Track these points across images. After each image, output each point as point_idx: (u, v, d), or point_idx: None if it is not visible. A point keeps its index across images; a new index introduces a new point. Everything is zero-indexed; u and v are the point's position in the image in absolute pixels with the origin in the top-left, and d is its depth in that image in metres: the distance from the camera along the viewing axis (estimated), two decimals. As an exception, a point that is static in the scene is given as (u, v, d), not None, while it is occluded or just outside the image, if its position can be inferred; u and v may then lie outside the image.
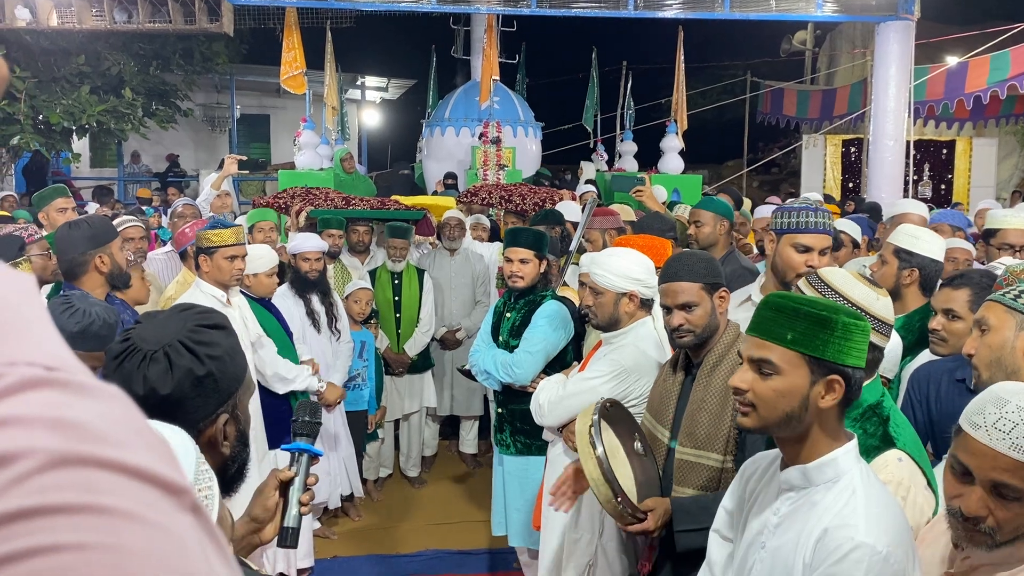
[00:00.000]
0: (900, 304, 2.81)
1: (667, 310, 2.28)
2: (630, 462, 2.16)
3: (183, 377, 1.22)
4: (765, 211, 4.85)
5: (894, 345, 2.11)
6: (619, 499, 2.00)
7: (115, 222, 4.93)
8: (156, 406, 1.18)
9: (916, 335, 2.77)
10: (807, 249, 2.53)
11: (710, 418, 2.16)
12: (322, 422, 1.63)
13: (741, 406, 1.56)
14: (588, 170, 10.32)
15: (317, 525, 4.44)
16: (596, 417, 2.09)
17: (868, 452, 1.70)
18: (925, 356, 2.66)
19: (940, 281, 2.85)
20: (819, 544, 1.43)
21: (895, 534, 1.42)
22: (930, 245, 2.89)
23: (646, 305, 2.76)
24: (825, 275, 1.83)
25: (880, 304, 1.80)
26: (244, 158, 7.29)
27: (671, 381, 2.36)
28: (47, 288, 3.30)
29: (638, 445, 2.26)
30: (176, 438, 0.94)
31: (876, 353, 1.80)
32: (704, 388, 2.20)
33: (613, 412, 2.21)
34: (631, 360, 2.66)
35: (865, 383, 1.74)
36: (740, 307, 2.75)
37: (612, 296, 2.72)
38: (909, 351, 2.67)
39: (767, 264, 2.76)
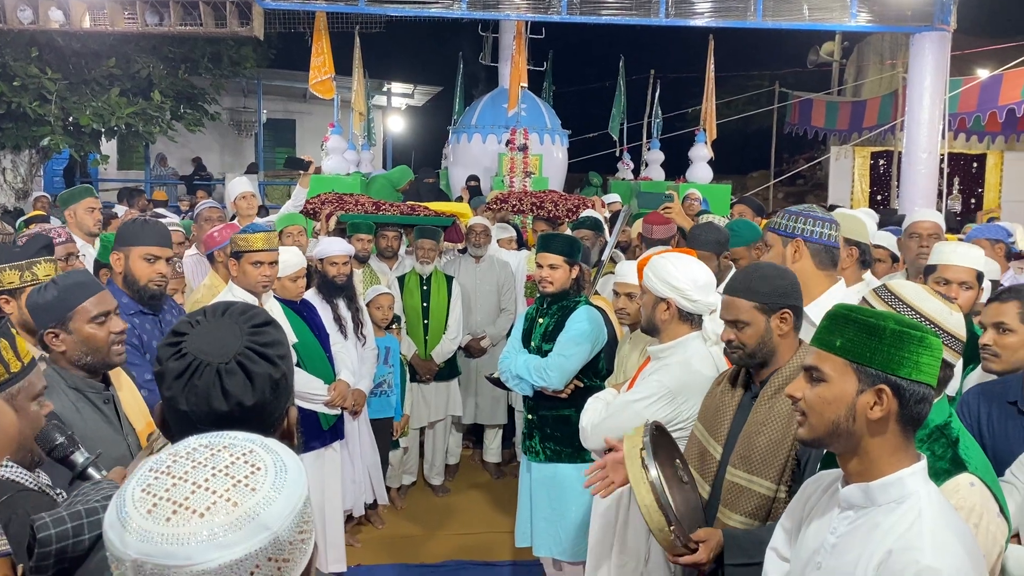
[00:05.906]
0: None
1: (725, 322, 2.20)
2: (671, 490, 2.05)
3: (263, 384, 1.16)
4: None
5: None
6: (672, 528, 1.90)
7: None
8: (240, 418, 1.13)
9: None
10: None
11: (768, 443, 2.06)
12: (62, 438, 1.70)
13: (797, 415, 1.53)
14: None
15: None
16: (647, 439, 1.99)
17: (938, 475, 1.62)
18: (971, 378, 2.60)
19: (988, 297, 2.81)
20: (882, 567, 1.37)
21: (964, 560, 1.34)
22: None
23: (688, 319, 2.64)
24: (896, 288, 1.75)
25: (953, 319, 1.73)
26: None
27: (729, 395, 2.26)
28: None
29: (680, 472, 2.15)
30: (294, 471, 0.87)
31: (947, 371, 1.72)
32: (767, 411, 2.09)
33: (657, 436, 2.11)
34: (677, 381, 2.54)
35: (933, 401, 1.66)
36: None
37: (651, 298, 2.66)
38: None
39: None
